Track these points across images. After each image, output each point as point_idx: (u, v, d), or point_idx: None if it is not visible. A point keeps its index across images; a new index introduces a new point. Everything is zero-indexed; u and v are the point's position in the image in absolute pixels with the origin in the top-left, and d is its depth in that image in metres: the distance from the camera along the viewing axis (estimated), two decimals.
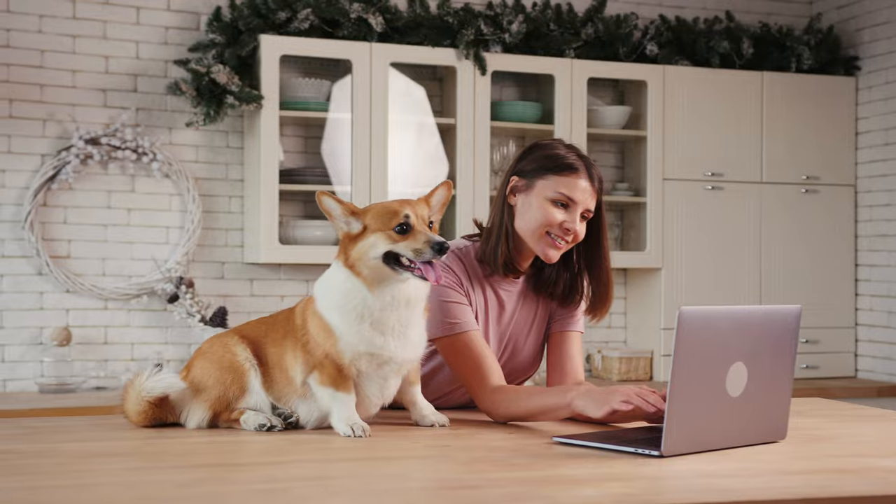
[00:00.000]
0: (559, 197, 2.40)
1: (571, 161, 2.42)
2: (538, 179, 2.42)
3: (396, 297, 2.09)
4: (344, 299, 2.09)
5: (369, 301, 2.08)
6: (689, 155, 5.12)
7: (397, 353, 2.11)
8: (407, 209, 2.08)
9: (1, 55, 4.46)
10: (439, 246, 2.03)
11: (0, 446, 1.98)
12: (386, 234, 2.06)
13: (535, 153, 2.46)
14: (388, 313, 2.09)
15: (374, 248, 2.07)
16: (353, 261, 2.09)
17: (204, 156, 4.71)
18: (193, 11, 4.71)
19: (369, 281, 2.08)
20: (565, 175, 2.40)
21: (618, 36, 5.04)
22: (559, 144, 2.48)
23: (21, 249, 4.46)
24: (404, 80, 4.85)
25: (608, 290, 2.51)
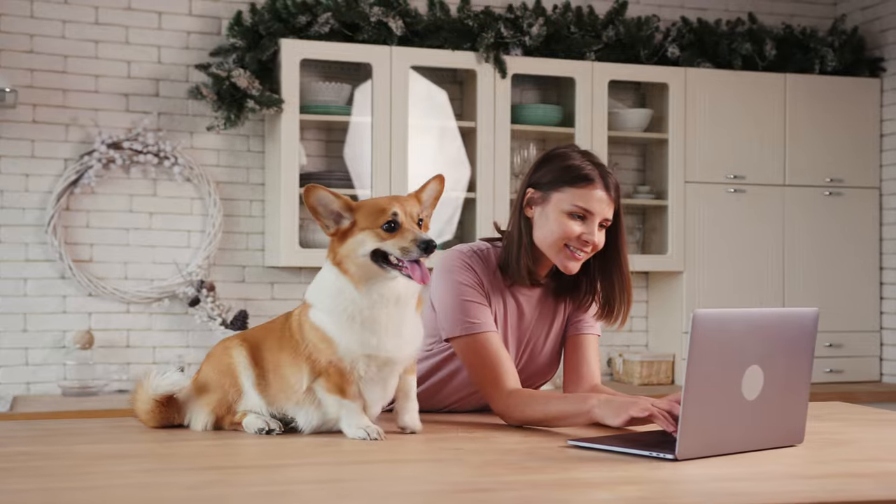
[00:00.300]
0: (576, 209, 2.38)
1: (587, 172, 2.39)
2: (554, 192, 2.40)
3: (385, 294, 2.07)
4: (333, 301, 2.07)
5: (358, 300, 2.06)
6: (710, 158, 5.09)
7: (394, 353, 2.08)
8: (395, 206, 2.05)
9: (25, 61, 4.50)
10: (426, 244, 2.01)
11: (16, 448, 1.99)
12: (374, 232, 2.04)
13: (550, 164, 2.44)
14: (377, 311, 2.06)
15: (361, 246, 2.04)
16: (341, 258, 2.07)
17: (225, 160, 4.73)
18: (215, 16, 4.73)
19: (356, 279, 2.06)
20: (581, 187, 2.38)
21: (639, 38, 5.02)
22: (574, 153, 2.45)
23: (44, 253, 4.50)
24: (426, 84, 4.85)
25: (627, 296, 2.49)
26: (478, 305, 2.40)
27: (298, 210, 4.50)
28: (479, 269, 2.46)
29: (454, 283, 2.41)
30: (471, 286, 2.41)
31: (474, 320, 2.37)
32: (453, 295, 2.39)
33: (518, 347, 2.53)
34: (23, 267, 4.48)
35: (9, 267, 4.46)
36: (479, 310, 2.39)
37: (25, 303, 4.48)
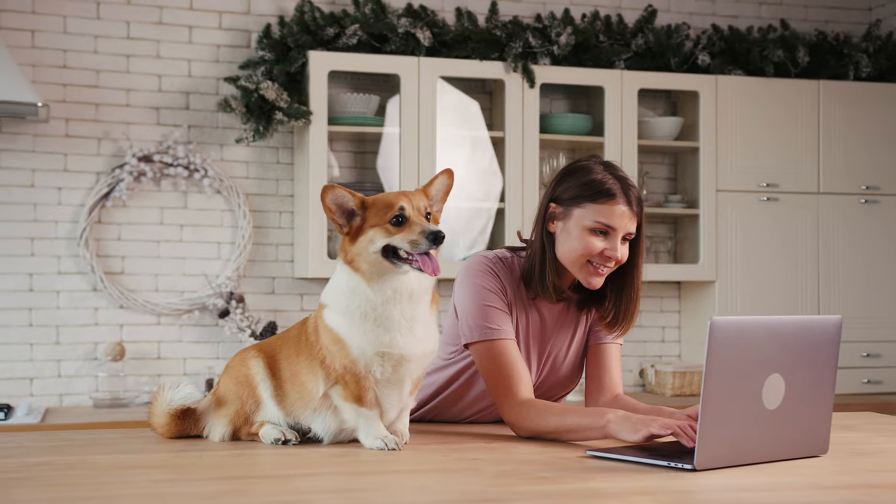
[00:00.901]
0: (598, 226, 2.35)
1: (608, 186, 2.35)
2: (575, 208, 2.37)
3: (398, 290, 2.05)
4: (347, 300, 2.07)
5: (371, 297, 2.04)
6: (743, 166, 5.05)
7: (407, 349, 2.06)
8: (402, 201, 2.04)
9: (58, 76, 4.55)
10: (434, 235, 2.00)
11: (34, 458, 2.00)
12: (383, 228, 2.03)
13: (572, 179, 2.40)
14: (390, 308, 2.05)
15: (372, 243, 2.03)
16: (353, 256, 2.06)
17: (254, 172, 4.75)
18: (244, 29, 4.76)
19: (368, 276, 2.04)
20: (602, 202, 2.34)
21: (669, 46, 4.99)
22: (596, 165, 2.41)
23: (76, 266, 4.54)
24: (458, 94, 4.85)
25: (634, 308, 2.46)
26: (498, 311, 2.38)
27: (327, 221, 4.51)
28: (504, 276, 2.44)
29: (477, 286, 2.39)
30: (493, 291, 2.39)
31: (493, 326, 2.36)
32: (475, 299, 2.38)
33: (540, 359, 2.51)
34: (56, 280, 4.52)
35: (42, 280, 4.51)
36: (499, 316, 2.37)
37: (58, 315, 4.52)
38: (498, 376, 2.33)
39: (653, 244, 5.20)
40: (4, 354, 4.46)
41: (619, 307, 2.47)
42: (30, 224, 4.50)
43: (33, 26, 4.53)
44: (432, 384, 2.54)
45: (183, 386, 2.22)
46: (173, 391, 2.21)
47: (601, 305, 2.50)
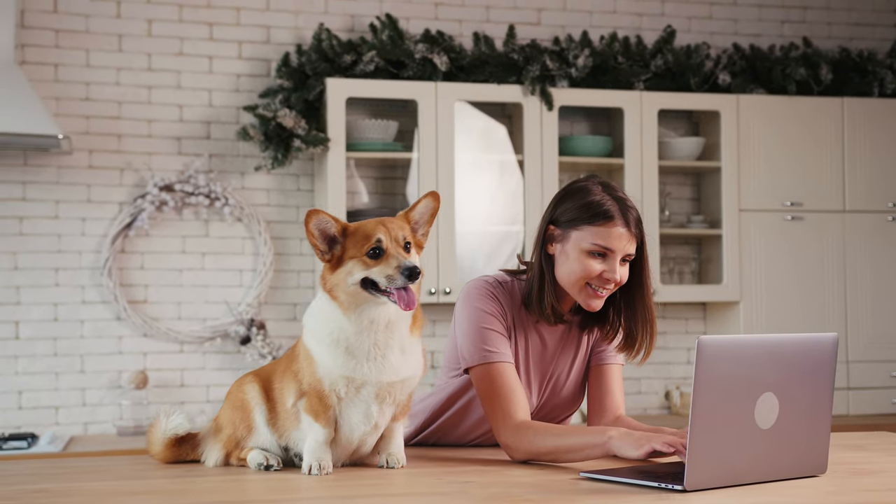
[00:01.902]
0: (596, 248, 2.33)
1: (606, 208, 2.33)
2: (573, 230, 2.35)
3: (375, 320, 2.05)
4: (322, 325, 2.07)
5: (345, 326, 2.04)
6: (766, 185, 5.00)
7: (371, 376, 2.05)
8: (380, 232, 2.03)
9: (81, 108, 4.62)
10: (409, 272, 1.99)
11: (30, 486, 2.02)
12: (361, 260, 2.02)
13: (569, 201, 2.39)
14: (363, 338, 2.04)
15: (350, 275, 2.03)
16: (332, 286, 2.06)
17: (275, 199, 4.79)
18: (264, 58, 4.81)
19: (346, 306, 2.04)
20: (600, 225, 2.32)
21: (689, 66, 4.97)
22: (594, 187, 2.39)
23: (100, 295, 4.59)
24: (485, 119, 4.86)
25: (651, 330, 2.43)
26: (497, 335, 2.37)
27: None
28: (504, 299, 2.43)
29: (476, 310, 2.38)
30: (493, 315, 2.38)
31: (492, 349, 2.34)
32: (473, 322, 2.37)
33: (541, 382, 2.49)
34: (80, 309, 4.58)
35: (67, 309, 4.56)
36: (497, 339, 2.36)
37: (83, 344, 4.57)
38: (494, 399, 2.31)
39: (676, 265, 5.16)
40: (30, 384, 4.51)
41: (635, 329, 2.44)
42: (54, 255, 4.56)
43: (57, 60, 4.60)
44: (431, 407, 2.54)
45: (174, 416, 2.25)
46: (166, 420, 2.23)
47: (603, 326, 2.49)
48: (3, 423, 4.48)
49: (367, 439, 2.14)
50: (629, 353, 2.45)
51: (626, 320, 2.45)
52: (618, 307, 2.47)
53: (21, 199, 4.55)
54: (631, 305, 2.43)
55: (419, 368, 2.15)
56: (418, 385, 2.19)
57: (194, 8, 4.75)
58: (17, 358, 4.52)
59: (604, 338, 2.50)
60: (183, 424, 2.24)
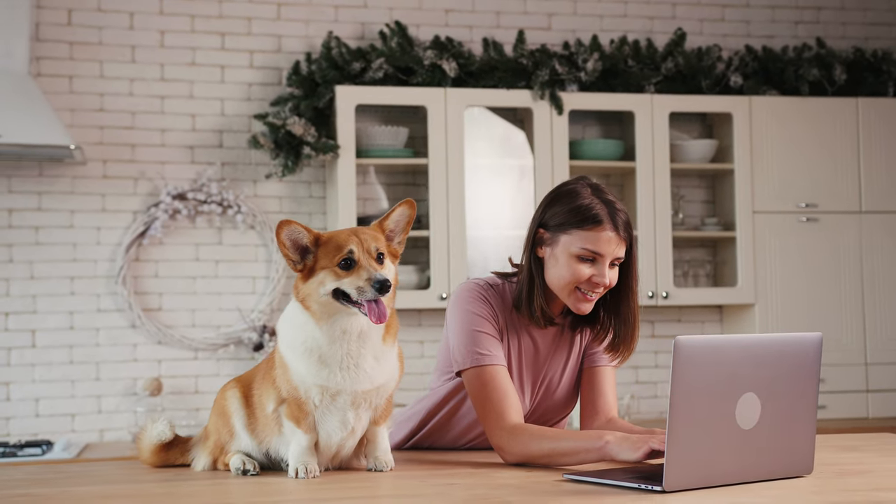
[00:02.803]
0: (585, 253, 2.32)
1: (595, 212, 2.32)
2: (562, 234, 2.35)
3: (347, 330, 2.05)
4: (295, 333, 2.08)
5: (317, 336, 2.05)
6: (780, 187, 4.98)
7: (345, 385, 2.06)
8: (352, 243, 2.03)
9: (95, 119, 4.67)
10: (380, 285, 1.98)
11: (19, 490, 2.04)
12: (332, 271, 2.02)
13: (558, 204, 2.38)
14: (335, 347, 2.05)
15: (322, 286, 2.03)
16: (304, 296, 2.06)
17: (287, 206, 4.82)
18: (275, 67, 4.85)
19: (318, 316, 2.05)
20: (589, 229, 2.32)
21: (700, 69, 4.96)
22: (583, 190, 2.38)
23: (115, 303, 4.64)
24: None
25: (632, 333, 2.43)
26: (489, 337, 2.37)
27: None
28: (495, 302, 2.43)
29: (467, 313, 2.39)
30: (484, 318, 2.39)
31: (483, 352, 2.35)
32: (465, 325, 2.37)
33: (534, 385, 2.49)
34: (95, 317, 4.63)
35: (82, 318, 4.62)
36: (489, 342, 2.36)
37: (98, 352, 4.62)
38: (487, 402, 2.31)
39: (691, 268, 5.14)
40: (47, 391, 4.56)
41: (618, 331, 2.44)
42: (69, 264, 4.62)
43: (71, 72, 4.66)
44: (424, 410, 2.54)
45: (158, 423, 2.27)
46: (152, 427, 2.27)
47: (594, 326, 2.48)
48: (20, 431, 4.53)
49: (346, 444, 2.15)
50: (618, 354, 2.45)
51: (615, 321, 2.45)
52: (608, 308, 2.47)
53: (37, 209, 4.61)
54: (616, 308, 2.43)
55: (394, 373, 2.16)
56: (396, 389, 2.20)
57: (206, 18, 4.79)
58: (34, 366, 4.58)
59: (595, 338, 2.50)
60: (165, 432, 2.26)
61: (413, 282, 4.67)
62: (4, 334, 4.56)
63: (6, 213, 4.58)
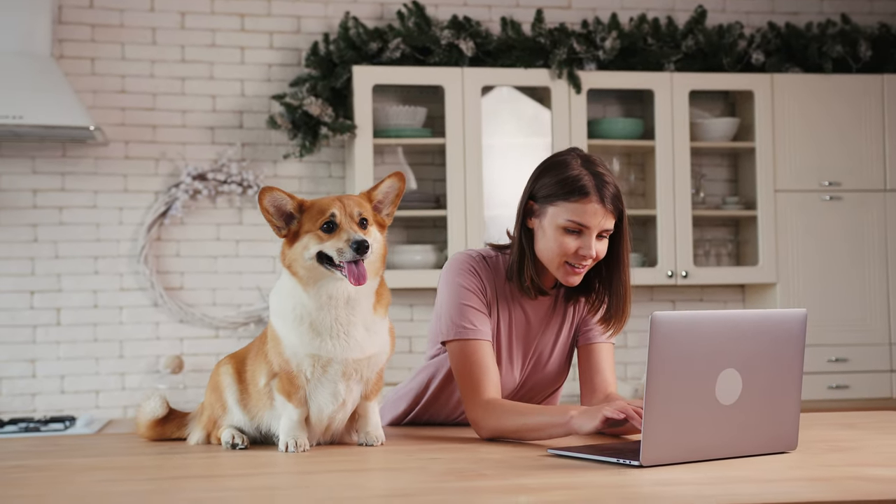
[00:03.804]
0: (571, 225, 2.33)
1: (583, 184, 2.32)
2: (549, 206, 2.35)
3: (334, 296, 2.07)
4: (284, 302, 2.11)
5: (305, 301, 2.08)
6: (802, 165, 4.93)
7: (336, 353, 2.08)
8: (335, 207, 2.06)
9: (117, 100, 4.74)
10: (357, 245, 2.00)
11: (13, 462, 2.09)
12: (315, 234, 2.05)
13: (547, 176, 2.38)
14: (324, 313, 2.07)
15: (306, 250, 2.06)
16: (290, 261, 2.09)
17: (307, 186, 4.85)
18: (295, 48, 4.88)
19: (305, 281, 2.07)
20: (575, 201, 2.32)
21: (721, 46, 4.91)
22: (573, 161, 2.37)
23: (138, 282, 4.71)
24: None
25: (624, 305, 2.43)
26: (475, 311, 2.38)
27: None
28: (485, 275, 2.44)
29: (456, 285, 2.40)
30: (472, 291, 2.40)
31: (468, 325, 2.36)
32: (453, 297, 2.39)
33: (525, 356, 2.50)
34: (118, 296, 4.70)
35: (106, 296, 4.69)
36: (476, 316, 2.38)
37: (121, 330, 4.69)
38: (467, 375, 2.33)
39: (712, 247, 5.11)
40: (72, 368, 4.65)
41: (610, 303, 2.45)
42: (93, 243, 4.69)
43: (93, 54, 4.72)
44: (418, 385, 2.56)
45: (152, 399, 2.32)
46: (146, 403, 2.32)
47: (588, 297, 2.49)
48: (46, 407, 4.62)
49: (337, 417, 2.17)
50: (610, 326, 2.45)
51: (608, 294, 2.45)
52: (602, 279, 2.46)
53: (60, 190, 4.68)
54: (612, 279, 2.43)
55: (385, 346, 2.17)
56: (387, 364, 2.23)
57: (226, 0, 4.83)
58: (59, 343, 4.66)
59: (589, 310, 2.50)
60: (157, 408, 2.31)
61: (431, 261, 4.69)
62: (30, 312, 4.65)
63: (31, 194, 4.65)
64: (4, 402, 4.61)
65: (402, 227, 4.90)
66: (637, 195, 5.09)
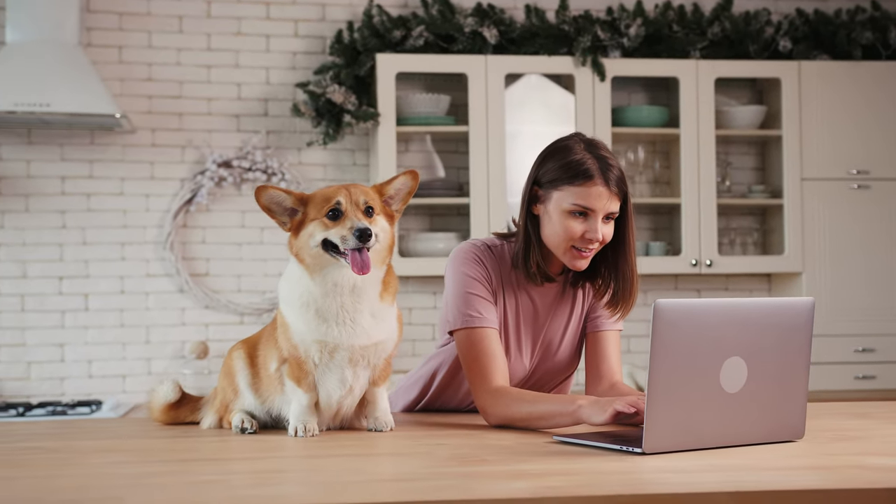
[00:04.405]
0: (576, 208, 2.33)
1: (586, 167, 2.33)
2: (554, 191, 2.36)
3: (339, 283, 2.09)
4: (292, 290, 2.14)
5: (312, 288, 2.10)
6: (829, 153, 4.89)
7: (343, 340, 2.10)
8: (341, 194, 2.07)
9: (144, 88, 4.78)
10: (360, 232, 2.02)
11: (28, 444, 2.13)
12: (321, 222, 2.07)
13: (551, 161, 2.39)
14: (329, 300, 2.09)
15: (312, 238, 2.08)
16: (297, 250, 2.11)
17: (331, 174, 4.88)
18: (319, 36, 4.90)
19: (311, 268, 2.09)
20: (579, 185, 2.33)
21: (748, 33, 4.88)
22: (576, 145, 2.38)
23: (164, 269, 4.76)
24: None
25: (631, 288, 2.44)
26: (481, 299, 2.39)
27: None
28: (490, 263, 2.45)
29: (461, 274, 2.41)
30: (477, 279, 2.41)
31: (474, 313, 2.37)
32: (458, 287, 2.40)
33: (534, 344, 2.51)
34: (145, 282, 4.75)
35: (132, 282, 4.75)
36: (481, 304, 2.39)
37: (148, 316, 4.75)
38: (474, 363, 2.34)
39: (738, 236, 5.08)
40: (99, 353, 4.71)
41: (617, 287, 2.45)
42: (120, 230, 4.74)
43: (120, 42, 4.77)
44: (429, 372, 2.58)
45: (165, 384, 2.37)
46: (159, 387, 2.36)
47: (595, 282, 2.49)
48: (74, 391, 4.69)
49: (345, 402, 2.19)
50: (617, 309, 2.46)
51: (614, 277, 2.45)
52: (608, 263, 2.46)
53: (88, 177, 4.73)
54: (617, 262, 2.44)
55: (393, 333, 2.19)
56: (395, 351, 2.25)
57: None
58: (87, 329, 4.72)
59: (595, 294, 2.50)
60: (168, 393, 2.35)
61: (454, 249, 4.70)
62: (59, 298, 4.71)
63: (59, 181, 4.71)
64: (34, 385, 4.68)
65: (425, 215, 4.91)
66: (662, 183, 5.07)
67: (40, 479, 1.71)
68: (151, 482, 1.68)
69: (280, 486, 1.65)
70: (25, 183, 4.69)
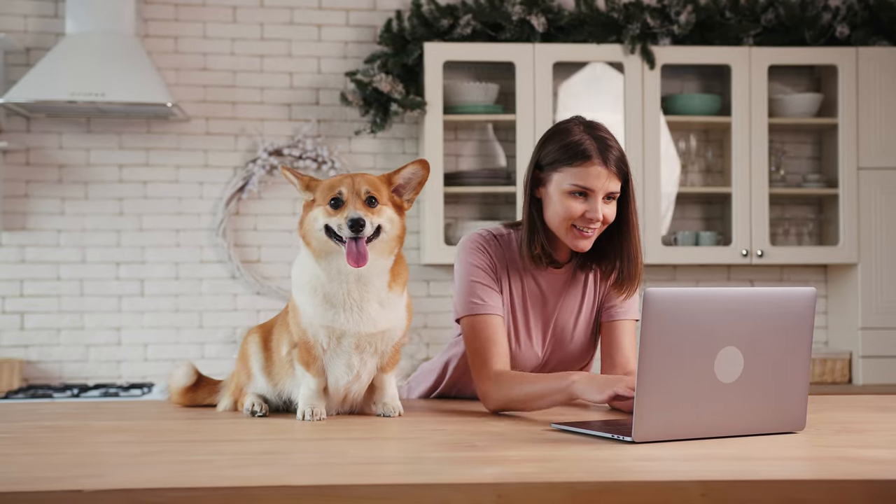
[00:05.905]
0: (576, 188, 2.34)
1: (584, 148, 2.34)
2: (554, 173, 2.38)
3: (343, 270, 2.12)
4: (302, 274, 2.18)
5: (318, 273, 2.14)
6: (887, 142, 4.79)
7: (349, 326, 2.13)
8: (344, 183, 2.11)
9: (199, 78, 4.87)
10: (353, 222, 2.05)
11: (47, 422, 2.21)
12: (324, 209, 2.11)
13: (551, 143, 2.41)
14: (335, 286, 2.12)
15: (315, 222, 2.12)
16: (304, 232, 2.16)
17: (381, 162, 4.92)
18: (370, 25, 4.94)
19: (317, 252, 2.13)
20: (578, 165, 2.34)
21: (803, 19, 4.79)
22: (574, 127, 2.40)
23: (217, 255, 4.85)
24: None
25: (636, 267, 2.44)
26: (485, 287, 2.41)
27: (443, 209, 4.62)
28: (495, 251, 2.46)
29: (466, 263, 2.44)
30: (481, 268, 2.43)
31: (477, 301, 2.39)
32: (463, 275, 2.43)
33: (545, 332, 2.51)
34: (198, 268, 4.86)
35: (186, 268, 4.85)
36: (484, 291, 2.40)
37: (201, 301, 4.85)
38: (476, 349, 2.36)
39: (793, 226, 5.00)
40: (154, 337, 4.82)
41: (622, 267, 2.45)
42: (175, 217, 4.85)
43: (176, 33, 4.87)
44: (443, 362, 2.61)
45: (180, 368, 2.44)
46: (177, 371, 2.44)
47: (601, 263, 2.49)
48: (130, 373, 4.82)
49: (352, 388, 2.23)
50: (618, 290, 2.46)
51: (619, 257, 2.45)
52: (613, 244, 2.46)
53: (145, 165, 4.85)
54: (621, 242, 2.44)
55: (401, 322, 2.22)
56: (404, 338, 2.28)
57: None
58: (143, 313, 4.84)
59: (603, 273, 2.50)
60: (181, 379, 2.42)
61: None
62: (116, 283, 4.84)
63: (117, 168, 4.84)
64: (92, 368, 4.81)
65: (473, 203, 4.93)
66: (714, 172, 5.01)
67: (36, 457, 1.77)
68: (142, 461, 1.74)
69: (257, 466, 1.68)
70: (85, 171, 4.82)
